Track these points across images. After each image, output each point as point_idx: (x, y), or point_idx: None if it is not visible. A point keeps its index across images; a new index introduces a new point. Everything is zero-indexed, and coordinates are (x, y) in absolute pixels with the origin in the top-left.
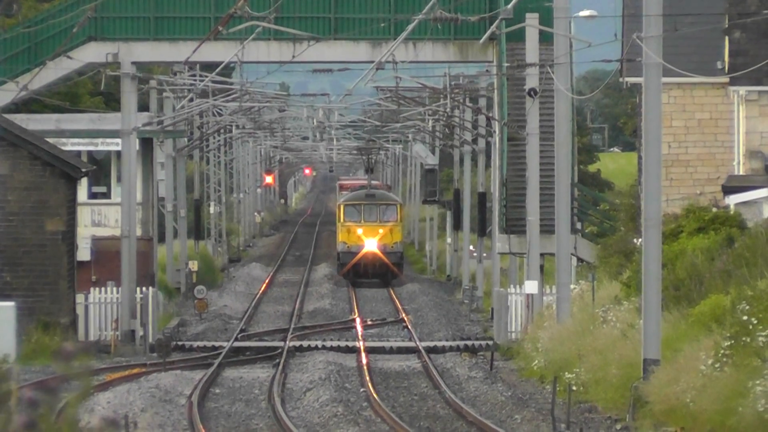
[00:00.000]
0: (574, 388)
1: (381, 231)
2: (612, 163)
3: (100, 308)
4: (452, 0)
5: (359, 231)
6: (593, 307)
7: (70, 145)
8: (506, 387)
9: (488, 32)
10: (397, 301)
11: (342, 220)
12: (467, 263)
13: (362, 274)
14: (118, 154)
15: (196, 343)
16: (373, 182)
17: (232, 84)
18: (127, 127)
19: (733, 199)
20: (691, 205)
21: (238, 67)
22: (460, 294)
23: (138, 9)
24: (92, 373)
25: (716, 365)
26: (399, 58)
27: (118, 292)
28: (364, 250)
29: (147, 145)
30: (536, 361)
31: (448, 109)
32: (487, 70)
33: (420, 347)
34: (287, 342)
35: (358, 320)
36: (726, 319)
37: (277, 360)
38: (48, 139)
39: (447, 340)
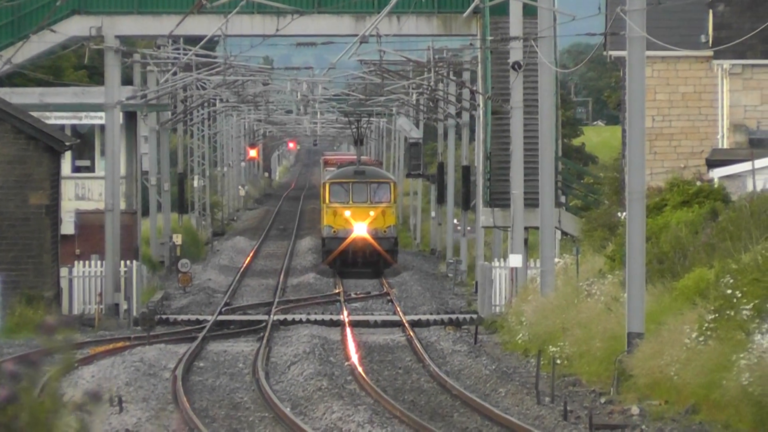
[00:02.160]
0: (559, 361)
1: (372, 213)
2: (596, 137)
3: (84, 282)
4: None
5: (347, 213)
6: (577, 281)
7: (54, 118)
8: (490, 360)
9: (472, 6)
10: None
11: (327, 200)
12: (451, 237)
13: (350, 262)
14: (102, 127)
15: (180, 317)
16: (362, 157)
17: (215, 57)
18: (110, 100)
19: (717, 173)
20: (675, 178)
21: (221, 40)
22: (444, 268)
23: None
24: (76, 347)
25: (700, 339)
26: (383, 31)
27: (101, 266)
28: (353, 236)
29: (131, 118)
30: (520, 335)
31: (432, 83)
32: (470, 44)
33: (404, 321)
34: (271, 315)
35: (342, 294)
36: (710, 292)
37: (262, 333)
38: (32, 113)
39: (431, 314)
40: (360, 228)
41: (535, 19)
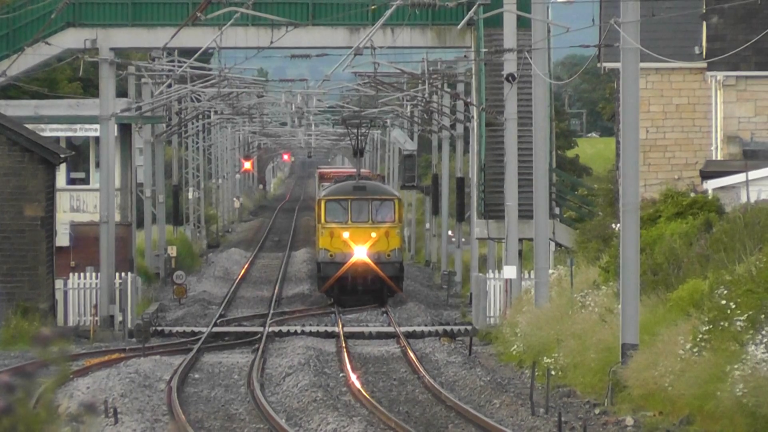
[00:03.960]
0: (553, 372)
1: (374, 235)
2: (590, 148)
3: (79, 294)
4: None
5: (345, 235)
6: (571, 292)
7: (49, 131)
8: (485, 372)
9: (466, 18)
10: None
11: (323, 220)
12: (446, 248)
13: (350, 290)
14: (97, 139)
15: (175, 329)
16: (362, 171)
17: (210, 70)
18: (105, 112)
19: (711, 184)
20: (669, 190)
21: (216, 52)
22: (438, 279)
23: None
24: (71, 359)
25: (694, 350)
26: (377, 43)
27: (97, 278)
28: (353, 260)
29: (125, 130)
30: (515, 346)
31: (426, 95)
32: (465, 56)
33: (399, 332)
34: (266, 327)
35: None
36: (704, 303)
37: (257, 345)
38: (26, 125)
39: (426, 325)
40: (360, 252)
41: (529, 31)
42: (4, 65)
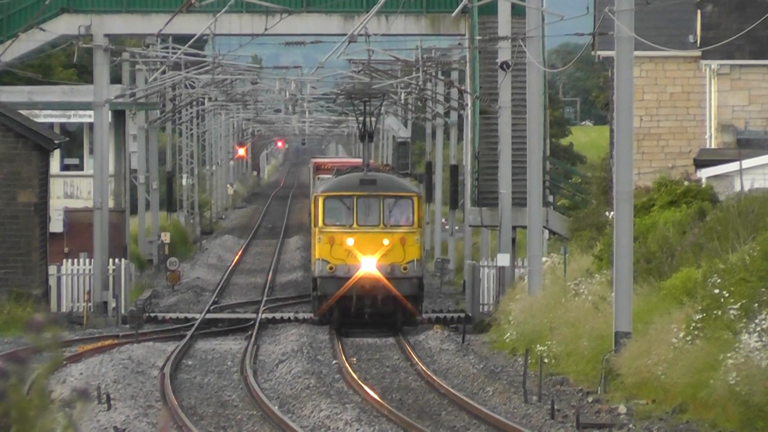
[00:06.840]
0: (546, 360)
1: (386, 242)
2: (584, 137)
3: (72, 280)
4: None
5: (350, 242)
6: (565, 280)
7: (43, 116)
8: (478, 359)
9: (460, 5)
10: None
11: (321, 223)
12: (439, 236)
13: (355, 314)
14: (91, 126)
15: (168, 315)
16: (370, 161)
17: (204, 56)
18: (99, 99)
19: (704, 173)
20: (662, 178)
21: (210, 39)
22: (432, 267)
23: None
24: (64, 345)
25: (687, 338)
26: (371, 31)
27: (90, 264)
28: (359, 275)
29: (119, 117)
30: (508, 334)
31: (420, 82)
32: (459, 43)
33: None
34: (260, 314)
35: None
36: (697, 292)
37: (250, 332)
38: (20, 111)
39: (419, 313)
40: (368, 264)
41: (523, 19)
42: None
